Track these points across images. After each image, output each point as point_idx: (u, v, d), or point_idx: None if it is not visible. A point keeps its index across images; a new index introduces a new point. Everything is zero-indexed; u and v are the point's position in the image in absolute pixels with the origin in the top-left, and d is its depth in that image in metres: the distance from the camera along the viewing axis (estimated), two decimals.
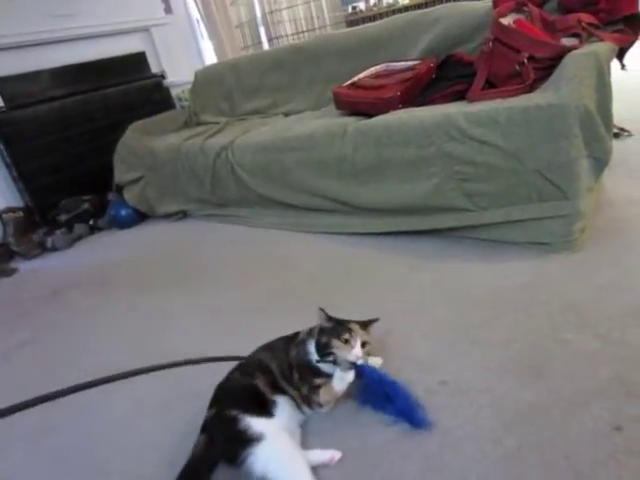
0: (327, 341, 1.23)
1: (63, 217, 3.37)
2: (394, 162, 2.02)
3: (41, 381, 1.75)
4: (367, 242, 2.20)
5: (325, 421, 1.26)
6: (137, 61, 4.04)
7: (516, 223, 1.82)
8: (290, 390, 1.25)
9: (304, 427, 1.25)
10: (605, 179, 2.06)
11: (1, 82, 3.27)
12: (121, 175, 3.39)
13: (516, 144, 1.71)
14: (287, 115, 3.22)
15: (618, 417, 1.07)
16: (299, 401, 1.25)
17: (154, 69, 4.15)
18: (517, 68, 1.89)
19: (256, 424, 1.12)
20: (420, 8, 3.22)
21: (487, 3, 2.35)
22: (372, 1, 5.48)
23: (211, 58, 4.89)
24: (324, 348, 1.23)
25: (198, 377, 1.46)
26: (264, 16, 5.10)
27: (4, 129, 3.26)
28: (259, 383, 1.23)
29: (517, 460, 1.03)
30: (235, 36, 5.04)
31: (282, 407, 1.21)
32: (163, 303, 2.13)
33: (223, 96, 3.63)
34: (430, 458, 1.09)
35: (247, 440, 1.09)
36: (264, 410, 1.18)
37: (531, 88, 1.83)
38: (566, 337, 1.35)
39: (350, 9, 5.35)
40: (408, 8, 4.59)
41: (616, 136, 2.50)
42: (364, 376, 1.23)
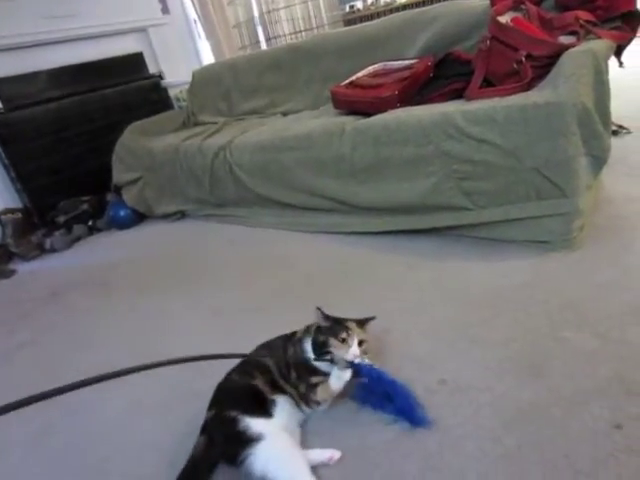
0: (324, 340, 1.23)
1: (62, 218, 3.37)
2: (392, 161, 2.02)
3: (40, 382, 1.74)
4: (366, 241, 2.20)
5: (325, 420, 1.26)
6: (135, 61, 4.04)
7: (515, 221, 1.82)
8: (288, 389, 1.25)
9: (304, 426, 1.25)
10: (604, 177, 2.06)
11: None
12: (119, 176, 3.39)
13: (514, 142, 1.71)
14: (285, 115, 3.22)
15: (618, 415, 1.07)
16: (297, 400, 1.25)
17: (152, 69, 4.15)
18: (515, 66, 1.89)
19: (255, 424, 1.12)
20: (418, 7, 3.23)
21: (484, 1, 2.35)
22: (369, 0, 5.47)
23: (209, 58, 4.88)
24: (321, 347, 1.23)
25: (198, 377, 1.46)
26: (261, 16, 5.09)
27: (2, 130, 3.26)
28: (258, 383, 1.23)
29: (517, 459, 1.03)
30: (232, 36, 5.03)
31: (281, 406, 1.21)
32: (163, 303, 2.13)
33: (221, 96, 3.62)
34: (430, 457, 1.09)
35: (246, 440, 1.09)
36: (263, 410, 1.18)
37: (529, 86, 1.83)
38: (565, 336, 1.35)
39: (347, 8, 5.33)
40: (405, 7, 4.58)
41: (614, 134, 2.49)
42: (362, 374, 1.23)
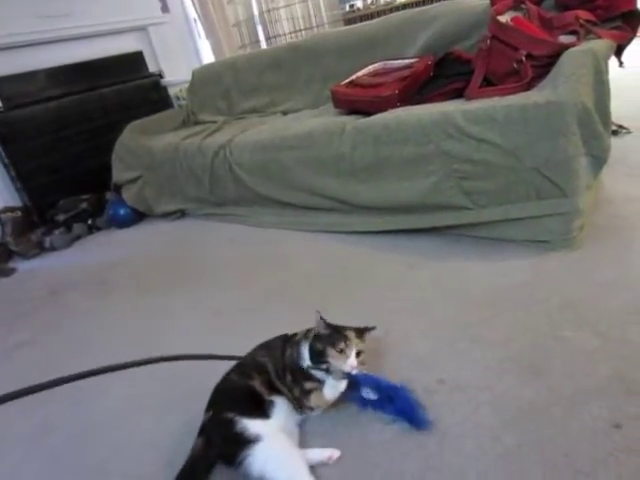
0: (322, 349, 1.20)
1: (61, 217, 3.37)
2: (392, 160, 2.02)
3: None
4: (366, 241, 2.20)
5: (324, 420, 1.26)
6: (134, 60, 4.04)
7: (515, 221, 1.82)
8: (284, 390, 1.25)
9: (303, 426, 1.25)
10: (604, 176, 2.06)
11: None
12: (119, 174, 3.39)
13: (514, 142, 1.71)
14: (285, 114, 3.21)
15: (617, 415, 1.07)
16: (292, 402, 1.25)
17: (152, 68, 4.15)
18: (515, 66, 1.89)
19: (252, 426, 1.12)
20: (418, 6, 3.22)
21: (484, 0, 2.35)
22: None
23: (208, 57, 4.88)
24: (318, 356, 1.21)
25: (197, 377, 1.45)
26: (261, 15, 5.08)
27: (2, 129, 3.26)
28: (255, 384, 1.23)
29: (517, 458, 1.03)
30: (232, 35, 5.03)
31: (279, 407, 1.21)
32: (162, 303, 2.13)
33: (221, 95, 3.62)
34: (429, 456, 1.09)
35: (244, 442, 1.09)
36: (261, 411, 1.18)
37: (529, 86, 1.83)
38: (565, 335, 1.35)
39: (347, 7, 5.32)
40: (406, 6, 4.57)
41: (614, 133, 2.49)
42: (359, 385, 1.22)
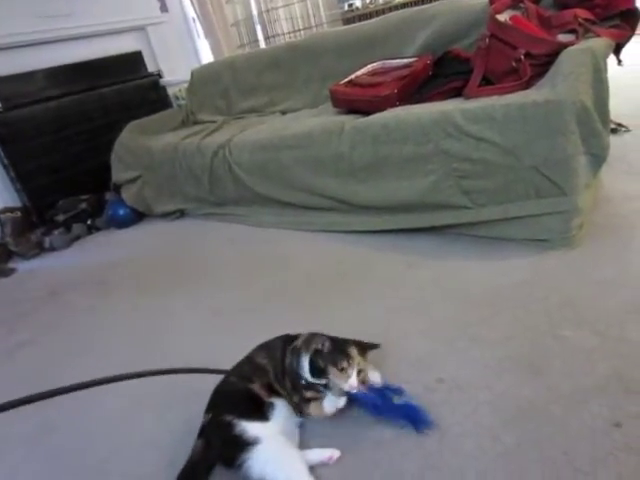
0: (323, 367, 1.18)
1: (61, 217, 3.37)
2: (392, 160, 2.02)
3: (40, 382, 1.75)
4: (365, 240, 2.20)
5: (324, 420, 1.25)
6: (133, 60, 4.04)
7: (514, 220, 1.82)
8: (284, 393, 1.25)
9: (303, 426, 1.25)
10: (603, 175, 2.06)
11: None
12: (118, 174, 3.39)
13: (513, 141, 1.71)
14: (284, 113, 3.21)
15: (617, 414, 1.07)
16: (291, 405, 1.25)
17: (150, 68, 4.14)
18: (514, 65, 1.89)
19: (251, 428, 1.12)
20: (416, 5, 3.22)
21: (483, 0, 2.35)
22: None
23: (207, 57, 4.88)
24: (319, 372, 1.19)
25: (197, 376, 1.45)
26: (260, 14, 5.08)
27: (1, 130, 3.25)
28: (255, 386, 1.22)
29: (516, 457, 1.04)
30: (231, 34, 5.02)
31: (279, 409, 1.21)
32: (162, 303, 2.13)
33: (220, 95, 3.62)
34: (429, 456, 1.09)
35: (243, 444, 1.09)
36: (260, 413, 1.18)
37: (528, 85, 1.83)
38: (565, 334, 1.35)
39: (346, 7, 5.31)
40: (404, 5, 4.56)
41: (613, 132, 2.49)
42: (358, 403, 1.21)
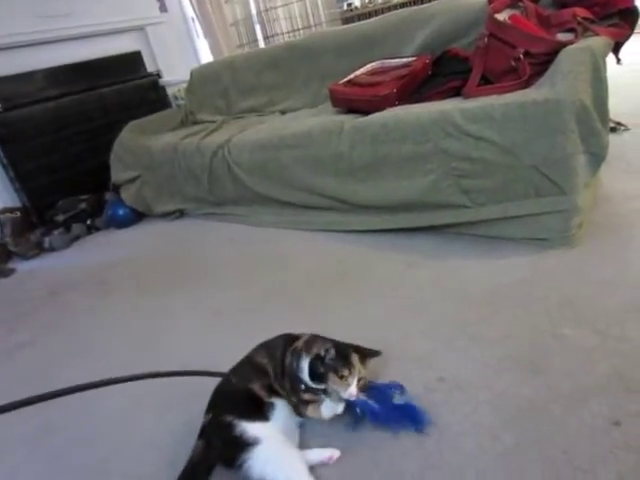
0: (324, 373, 1.17)
1: (60, 217, 3.36)
2: (391, 159, 2.02)
3: (40, 382, 1.75)
4: (365, 239, 2.20)
5: (324, 420, 1.25)
6: (133, 60, 4.03)
7: (513, 219, 1.82)
8: (283, 394, 1.24)
9: (303, 426, 1.25)
10: (602, 174, 2.06)
11: None
12: (118, 174, 3.39)
13: (512, 140, 1.71)
14: (284, 113, 3.21)
15: (617, 412, 1.07)
16: (291, 406, 1.24)
17: (150, 68, 4.14)
18: (513, 64, 1.89)
19: (251, 429, 1.12)
20: (415, 4, 3.22)
21: None
22: None
23: (207, 57, 4.88)
24: (319, 378, 1.18)
25: (197, 377, 1.46)
26: (259, 14, 5.08)
27: (0, 130, 3.25)
28: (255, 387, 1.22)
29: (516, 456, 1.04)
30: (230, 34, 5.03)
31: (279, 409, 1.21)
32: (162, 303, 2.13)
33: (219, 94, 3.62)
34: (429, 455, 1.09)
35: (243, 445, 1.09)
36: (260, 413, 1.18)
37: (527, 84, 1.83)
38: (564, 333, 1.35)
39: (345, 6, 5.32)
40: (403, 4, 4.57)
41: (613, 130, 2.49)
42: (356, 410, 1.21)
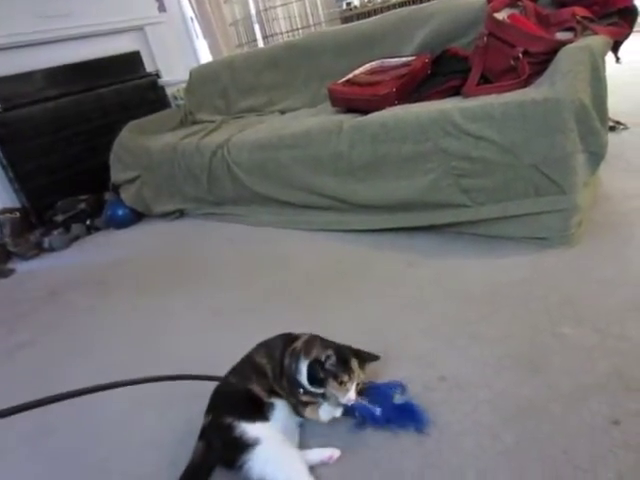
0: (323, 378, 1.17)
1: (60, 217, 3.36)
2: (390, 158, 2.02)
3: (41, 382, 1.75)
4: (364, 239, 2.20)
5: (322, 422, 1.25)
6: (132, 60, 4.03)
7: (513, 218, 1.82)
8: (282, 394, 1.24)
9: (303, 426, 1.25)
10: (601, 173, 2.06)
11: None
12: (117, 175, 3.38)
13: (512, 139, 1.71)
14: (283, 113, 3.21)
15: (616, 411, 1.07)
16: (290, 406, 1.24)
17: (149, 68, 4.14)
18: (512, 63, 1.89)
19: (251, 429, 1.12)
20: (414, 3, 3.21)
21: None
22: None
23: (206, 57, 4.88)
24: (318, 383, 1.18)
25: None
26: (258, 14, 5.08)
27: (0, 130, 3.24)
28: (254, 387, 1.22)
29: (516, 455, 1.04)
30: (230, 34, 5.03)
31: (279, 409, 1.21)
32: (162, 303, 2.12)
33: (218, 94, 3.62)
34: (429, 454, 1.09)
35: (243, 446, 1.09)
36: (260, 414, 1.18)
37: (526, 83, 1.83)
38: (564, 332, 1.35)
39: (344, 5, 5.32)
40: (402, 4, 4.57)
41: (612, 129, 2.49)
42: (355, 414, 1.21)
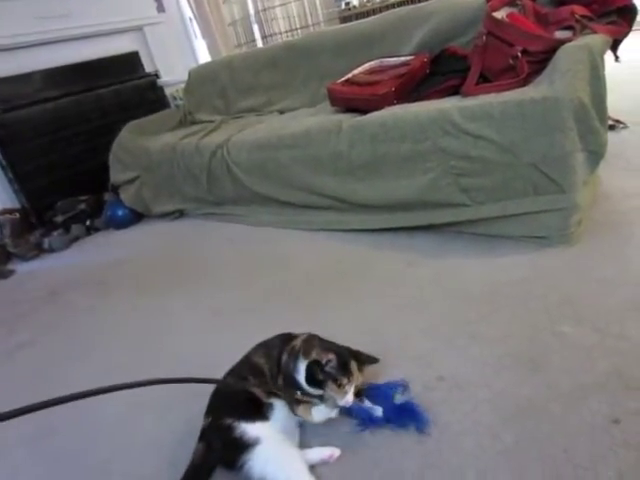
0: (322, 380, 1.17)
1: (60, 218, 3.36)
2: (390, 158, 2.02)
3: (41, 383, 1.75)
4: (364, 239, 2.20)
5: (316, 423, 1.25)
6: (131, 61, 4.03)
7: (513, 217, 1.82)
8: (280, 393, 1.23)
9: (303, 425, 1.25)
10: (601, 172, 2.06)
11: None
12: (117, 175, 3.38)
13: (511, 138, 1.71)
14: (282, 112, 3.21)
15: (616, 410, 1.07)
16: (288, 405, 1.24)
17: (148, 68, 4.13)
18: (511, 62, 1.89)
19: (251, 429, 1.12)
20: (413, 3, 3.21)
21: None
22: None
23: (205, 57, 4.87)
24: (317, 384, 1.18)
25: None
26: (257, 14, 5.08)
27: None
28: (253, 387, 1.22)
29: (516, 454, 1.04)
30: (228, 34, 5.03)
31: (278, 409, 1.21)
32: (162, 303, 2.13)
33: (218, 94, 3.61)
34: (429, 454, 1.09)
35: (243, 446, 1.10)
36: (259, 414, 1.18)
37: (525, 82, 1.83)
38: (564, 331, 1.35)
39: (343, 5, 5.31)
40: (401, 3, 4.57)
41: (611, 128, 2.49)
42: (352, 415, 1.22)
